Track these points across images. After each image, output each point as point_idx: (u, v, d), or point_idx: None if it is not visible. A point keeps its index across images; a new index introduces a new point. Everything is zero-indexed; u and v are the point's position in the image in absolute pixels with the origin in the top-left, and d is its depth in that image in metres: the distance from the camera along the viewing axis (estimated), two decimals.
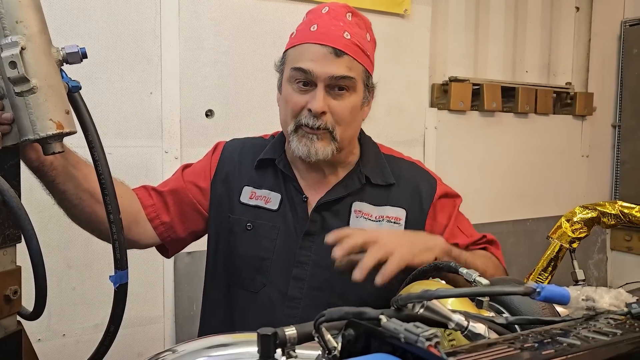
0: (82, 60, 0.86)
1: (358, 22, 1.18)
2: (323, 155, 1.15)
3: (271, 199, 1.24)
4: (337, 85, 1.14)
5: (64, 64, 0.85)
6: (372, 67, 1.21)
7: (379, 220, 1.21)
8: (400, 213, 1.22)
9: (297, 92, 1.15)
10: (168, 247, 1.30)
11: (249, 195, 1.25)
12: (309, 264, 1.18)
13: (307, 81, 1.14)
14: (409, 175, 1.27)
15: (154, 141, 2.02)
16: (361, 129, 1.29)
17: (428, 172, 1.31)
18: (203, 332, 1.31)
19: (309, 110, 1.13)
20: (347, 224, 1.20)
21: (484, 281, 0.74)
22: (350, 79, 1.14)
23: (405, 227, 1.21)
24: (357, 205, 1.22)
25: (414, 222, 1.22)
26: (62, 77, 0.85)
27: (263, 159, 1.26)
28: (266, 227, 1.22)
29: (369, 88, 1.22)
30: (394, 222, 1.21)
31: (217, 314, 1.27)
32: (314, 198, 1.22)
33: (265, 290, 1.19)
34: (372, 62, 1.21)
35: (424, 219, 1.24)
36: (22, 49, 0.78)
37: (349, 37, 1.14)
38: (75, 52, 0.85)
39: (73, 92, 0.87)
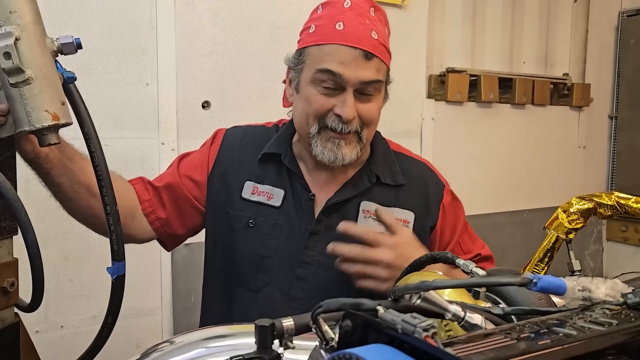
0: (77, 51, 0.85)
1: (380, 18, 1.14)
2: (349, 159, 1.12)
3: (274, 195, 1.20)
4: (365, 88, 1.10)
5: (59, 54, 0.84)
6: (390, 63, 1.17)
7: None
8: (408, 216, 1.19)
9: (322, 94, 1.10)
10: (166, 242, 1.28)
11: (251, 191, 1.21)
12: (314, 264, 1.16)
13: (333, 83, 1.09)
14: (417, 176, 1.24)
15: (150, 133, 2.01)
16: None
17: (437, 175, 1.28)
18: (203, 325, 1.29)
19: (337, 115, 1.09)
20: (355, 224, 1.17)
21: (481, 272, 0.74)
22: (379, 82, 1.11)
23: (413, 230, 1.18)
24: (365, 205, 1.18)
25: (421, 226, 1.20)
26: (57, 68, 0.84)
27: (267, 153, 1.22)
28: (268, 224, 1.18)
29: (387, 86, 1.19)
30: (402, 225, 1.18)
31: (216, 310, 1.25)
32: (320, 196, 1.19)
33: (267, 289, 1.17)
34: (391, 57, 1.17)
35: (430, 224, 1.22)
36: (17, 39, 0.77)
37: (376, 37, 1.09)
38: (70, 43, 0.84)
39: (68, 83, 0.87)
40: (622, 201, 1.54)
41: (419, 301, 0.51)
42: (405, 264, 1.02)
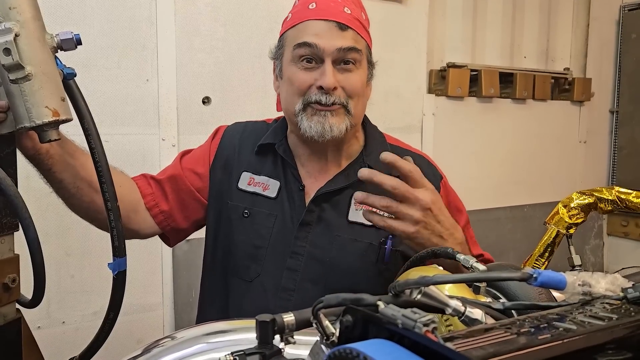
0: (76, 47, 0.85)
1: (354, 1, 1.16)
2: (338, 131, 1.10)
3: (269, 186, 1.20)
4: (344, 60, 1.09)
5: (59, 50, 0.84)
6: (371, 45, 1.18)
7: (380, 214, 1.17)
8: None
9: (302, 70, 1.10)
10: (169, 237, 1.28)
11: (247, 182, 1.21)
12: (304, 255, 1.15)
13: (312, 57, 1.09)
14: None
15: (150, 129, 2.01)
16: (366, 116, 1.25)
17: (435, 167, 1.26)
18: (201, 320, 1.29)
19: (319, 87, 1.08)
20: (346, 216, 1.17)
21: (481, 267, 0.74)
22: (358, 50, 1.10)
23: None
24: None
25: None
26: (57, 64, 0.84)
27: (263, 143, 1.23)
28: (263, 214, 1.19)
29: (371, 65, 1.18)
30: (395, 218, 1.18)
31: (214, 303, 1.25)
32: (313, 187, 1.19)
33: (259, 279, 1.17)
34: (371, 39, 1.18)
35: None
36: (16, 35, 0.77)
37: (349, 12, 1.10)
38: (69, 39, 0.84)
39: (68, 80, 0.86)
40: (622, 196, 1.54)
41: (419, 296, 0.51)
42: (440, 215, 0.98)
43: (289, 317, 0.54)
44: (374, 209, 1.01)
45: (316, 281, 1.14)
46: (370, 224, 1.14)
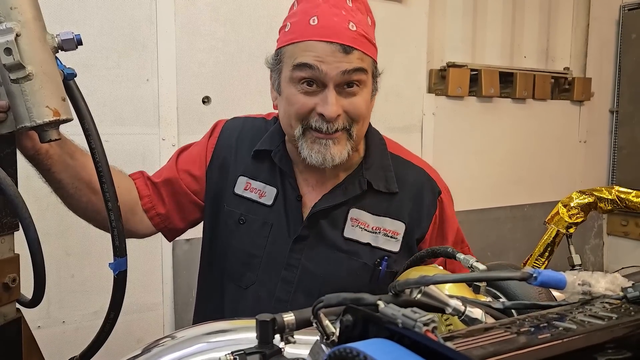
0: (77, 47, 0.85)
1: (359, 7, 1.08)
2: (340, 159, 1.06)
3: (266, 193, 1.17)
4: (348, 83, 1.03)
5: (59, 50, 0.84)
6: (377, 55, 1.12)
7: (376, 232, 1.14)
8: (399, 227, 1.15)
9: (303, 93, 1.04)
10: (166, 235, 1.28)
11: (244, 187, 1.19)
12: (299, 267, 1.13)
13: (313, 80, 1.02)
14: (413, 183, 1.18)
15: (150, 128, 2.02)
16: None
17: (435, 182, 1.20)
18: (197, 321, 1.28)
19: (320, 114, 1.03)
20: (342, 231, 1.14)
21: (481, 266, 0.74)
22: (363, 71, 1.04)
23: (402, 243, 1.15)
24: (354, 213, 1.14)
25: (410, 238, 1.16)
26: (57, 64, 0.84)
27: (259, 149, 1.19)
28: (258, 222, 1.16)
29: (376, 79, 1.13)
30: (391, 237, 1.14)
31: (210, 304, 1.24)
32: (310, 197, 1.16)
33: (254, 287, 1.15)
34: (377, 48, 1.12)
35: (418, 236, 1.17)
36: (17, 35, 0.77)
37: (354, 28, 1.02)
38: (70, 39, 0.84)
39: (68, 80, 0.86)
40: (622, 195, 1.54)
41: (419, 296, 0.51)
42: None
43: (289, 317, 0.54)
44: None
45: (310, 294, 1.12)
46: (366, 241, 1.14)
